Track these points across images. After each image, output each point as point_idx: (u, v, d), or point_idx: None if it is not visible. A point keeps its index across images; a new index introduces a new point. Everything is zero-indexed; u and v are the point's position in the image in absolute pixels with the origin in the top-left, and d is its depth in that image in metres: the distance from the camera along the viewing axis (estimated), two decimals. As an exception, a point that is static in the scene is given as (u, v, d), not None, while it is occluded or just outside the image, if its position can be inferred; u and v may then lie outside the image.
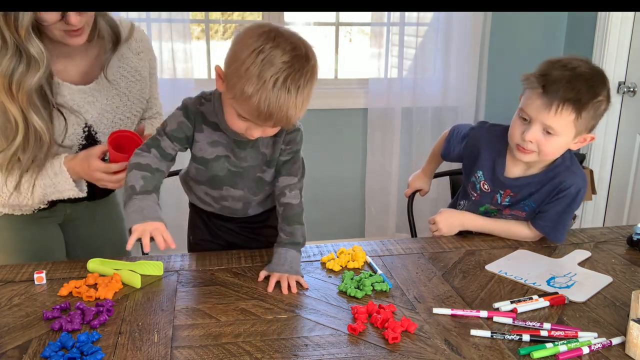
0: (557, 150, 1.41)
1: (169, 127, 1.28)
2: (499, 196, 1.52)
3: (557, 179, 1.45)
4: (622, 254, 1.46)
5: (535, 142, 1.37)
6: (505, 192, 1.51)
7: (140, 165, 1.25)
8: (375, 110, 2.99)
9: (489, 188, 1.53)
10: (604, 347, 1.05)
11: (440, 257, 1.43)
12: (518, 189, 1.49)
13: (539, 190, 1.47)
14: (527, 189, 1.48)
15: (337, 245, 1.46)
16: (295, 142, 1.33)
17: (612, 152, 2.90)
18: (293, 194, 1.35)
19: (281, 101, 1.10)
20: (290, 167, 1.35)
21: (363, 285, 1.25)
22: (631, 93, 2.76)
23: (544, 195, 1.48)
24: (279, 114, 1.11)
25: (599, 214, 2.97)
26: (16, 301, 1.18)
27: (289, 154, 1.34)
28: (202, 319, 1.13)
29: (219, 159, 1.31)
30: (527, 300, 1.20)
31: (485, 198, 1.55)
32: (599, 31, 2.79)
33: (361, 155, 3.10)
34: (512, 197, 1.51)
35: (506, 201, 1.52)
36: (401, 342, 1.06)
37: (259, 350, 1.03)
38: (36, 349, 1.02)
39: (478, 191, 1.56)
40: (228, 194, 1.37)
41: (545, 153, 1.39)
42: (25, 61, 1.24)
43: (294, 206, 1.34)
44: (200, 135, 1.29)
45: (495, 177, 1.51)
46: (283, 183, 1.35)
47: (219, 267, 1.35)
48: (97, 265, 1.30)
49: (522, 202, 1.51)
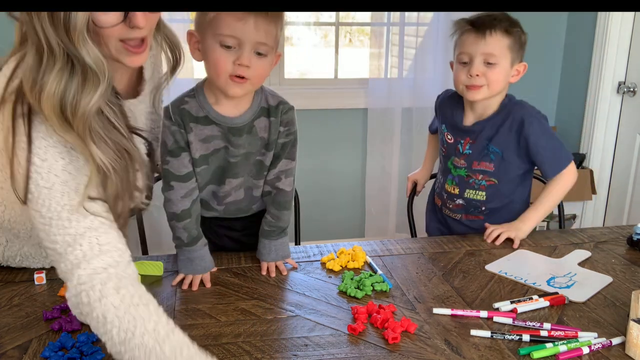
0: (502, 78, 1.51)
1: (169, 145, 1.26)
2: (460, 146, 1.61)
3: (510, 117, 1.54)
4: (622, 254, 1.46)
5: (482, 75, 1.49)
6: (465, 141, 1.59)
7: (175, 215, 1.30)
8: (375, 110, 2.99)
9: (451, 138, 1.64)
10: (604, 347, 1.05)
11: (440, 257, 1.43)
12: (476, 134, 1.57)
13: (497, 132, 1.55)
14: (484, 133, 1.56)
15: (337, 245, 1.46)
16: (292, 123, 1.33)
17: (612, 152, 2.90)
18: (288, 181, 1.36)
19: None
20: (289, 149, 1.34)
21: (363, 285, 1.25)
22: (631, 93, 2.76)
23: (504, 135, 1.55)
24: (253, 14, 1.11)
25: (599, 214, 2.97)
26: (16, 301, 1.18)
27: (287, 135, 1.33)
28: (202, 319, 1.13)
29: (217, 151, 1.30)
30: (527, 300, 1.20)
31: (450, 149, 1.65)
32: (599, 31, 2.78)
33: (361, 155, 3.10)
34: (472, 144, 1.58)
35: (467, 149, 1.59)
36: (401, 342, 1.06)
37: (259, 350, 1.03)
38: (36, 349, 1.02)
39: (445, 145, 1.67)
40: (231, 187, 1.36)
41: (493, 82, 1.50)
42: (80, 75, 0.92)
43: (287, 192, 1.36)
44: (191, 135, 1.27)
45: (455, 126, 1.62)
46: (281, 167, 1.35)
47: (219, 267, 1.35)
48: None
49: (484, 150, 1.57)
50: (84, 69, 0.93)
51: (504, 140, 1.54)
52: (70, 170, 0.96)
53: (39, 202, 0.95)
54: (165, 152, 1.28)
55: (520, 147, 1.54)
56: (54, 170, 0.95)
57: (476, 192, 1.61)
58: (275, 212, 1.36)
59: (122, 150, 1.00)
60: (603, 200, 2.96)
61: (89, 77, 0.93)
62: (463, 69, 1.52)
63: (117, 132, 1.01)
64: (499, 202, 1.62)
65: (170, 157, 1.27)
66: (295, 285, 1.28)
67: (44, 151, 0.95)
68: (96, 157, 0.96)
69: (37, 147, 0.95)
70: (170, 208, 1.31)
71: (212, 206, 1.40)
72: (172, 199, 1.30)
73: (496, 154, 1.56)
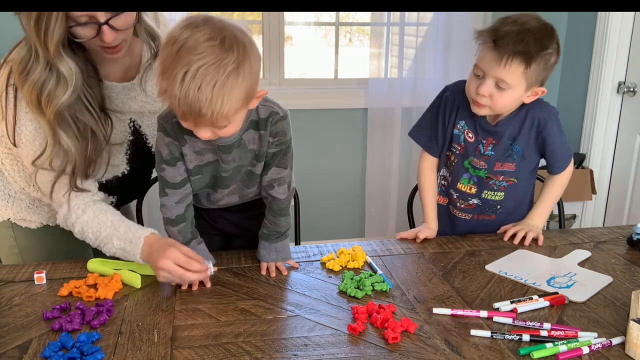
0: (509, 103, 1.44)
1: (164, 155, 1.26)
2: (482, 146, 1.53)
3: (529, 115, 1.49)
4: (622, 254, 1.46)
5: (489, 96, 1.41)
6: (487, 141, 1.53)
7: (170, 220, 1.32)
8: (375, 110, 2.99)
9: (472, 137, 1.54)
10: (604, 347, 1.05)
11: (440, 257, 1.43)
12: (499, 135, 1.51)
13: (520, 132, 1.50)
14: (508, 132, 1.50)
15: (337, 245, 1.46)
16: (284, 133, 1.27)
17: (612, 152, 2.90)
18: (281, 189, 1.33)
19: (190, 100, 1.02)
20: (280, 159, 1.30)
21: (363, 285, 1.25)
22: (631, 93, 2.77)
23: (525, 135, 1.50)
24: (193, 112, 1.04)
25: (599, 214, 2.97)
26: (16, 301, 1.18)
27: (277, 145, 1.28)
28: (202, 319, 1.13)
29: (211, 164, 1.29)
30: (527, 300, 1.20)
31: (469, 149, 1.55)
32: (599, 31, 2.79)
33: (361, 155, 3.10)
34: (495, 145, 1.52)
35: (489, 150, 1.53)
36: (401, 342, 1.06)
37: (259, 350, 1.03)
38: (36, 349, 1.02)
39: (462, 142, 1.56)
40: (223, 195, 1.38)
41: (498, 107, 1.43)
42: (55, 77, 1.19)
43: (281, 200, 1.35)
44: (186, 148, 1.26)
45: (478, 124, 1.53)
46: (272, 176, 1.32)
47: (219, 267, 1.35)
48: (97, 265, 1.30)
49: (507, 150, 1.52)
50: (58, 75, 1.19)
51: (526, 139, 1.51)
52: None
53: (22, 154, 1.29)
54: (161, 161, 1.27)
55: (537, 144, 1.52)
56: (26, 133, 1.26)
57: (495, 193, 1.57)
58: (272, 219, 1.36)
59: (87, 129, 1.26)
60: (603, 200, 2.96)
61: (61, 82, 1.19)
62: (475, 80, 1.43)
63: (88, 114, 1.26)
64: (513, 201, 1.59)
65: (166, 166, 1.27)
66: (295, 285, 1.28)
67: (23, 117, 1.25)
68: (62, 140, 1.23)
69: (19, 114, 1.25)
70: (165, 213, 1.32)
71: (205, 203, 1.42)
72: (167, 205, 1.31)
73: (518, 153, 1.52)
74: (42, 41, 1.15)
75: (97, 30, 1.17)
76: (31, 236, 1.47)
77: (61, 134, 1.23)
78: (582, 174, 2.81)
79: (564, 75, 3.09)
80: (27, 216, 1.45)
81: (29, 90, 1.19)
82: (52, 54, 1.16)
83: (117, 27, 1.19)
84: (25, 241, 1.48)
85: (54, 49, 1.15)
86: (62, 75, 1.19)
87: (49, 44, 1.15)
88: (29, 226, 1.46)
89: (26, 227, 1.46)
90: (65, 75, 1.19)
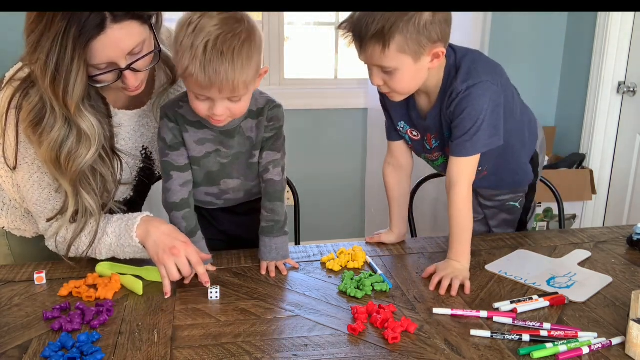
0: (407, 79, 1.29)
1: (169, 140, 1.30)
2: (426, 143, 1.46)
3: (447, 96, 1.33)
4: (622, 254, 1.46)
5: (384, 84, 1.31)
6: (427, 137, 1.45)
7: (176, 205, 1.33)
8: (375, 110, 2.98)
9: (417, 134, 1.46)
10: (604, 347, 1.05)
11: (440, 257, 1.43)
12: (433, 128, 1.40)
13: (441, 120, 1.37)
14: (436, 124, 1.39)
15: (337, 245, 1.46)
16: (278, 119, 1.34)
17: (612, 152, 2.90)
18: (276, 171, 1.36)
19: (216, 65, 1.10)
20: (273, 142, 1.36)
21: (363, 285, 1.25)
22: (631, 93, 2.76)
23: (448, 121, 1.36)
24: (218, 79, 1.11)
25: (599, 214, 2.97)
26: (16, 301, 1.18)
27: (271, 130, 1.34)
28: (202, 319, 1.13)
29: (208, 155, 1.32)
30: (527, 300, 1.20)
31: (417, 147, 1.50)
32: (599, 31, 2.78)
33: (361, 155, 3.10)
34: (435, 138, 1.44)
35: (434, 143, 1.45)
36: (401, 342, 1.06)
37: (259, 350, 1.03)
38: (36, 349, 1.02)
39: (410, 142, 1.51)
40: (227, 187, 1.39)
41: (399, 89, 1.31)
42: (76, 134, 1.14)
43: (276, 182, 1.36)
44: (187, 135, 1.30)
45: (414, 122, 1.44)
46: (267, 159, 1.36)
47: (219, 267, 1.35)
48: (106, 269, 1.29)
49: (447, 140, 1.39)
50: (79, 132, 1.14)
51: (449, 125, 1.36)
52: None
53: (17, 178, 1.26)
54: (165, 147, 1.31)
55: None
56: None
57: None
58: (269, 205, 1.36)
59: (98, 177, 1.22)
60: (603, 200, 2.96)
61: (83, 140, 1.14)
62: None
63: (101, 161, 1.22)
64: (489, 164, 1.47)
65: (169, 151, 1.31)
66: (295, 285, 1.28)
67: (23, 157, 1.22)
68: (84, 200, 1.20)
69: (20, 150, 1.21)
70: (170, 198, 1.33)
71: (209, 201, 1.43)
72: (172, 188, 1.32)
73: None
74: (62, 99, 1.09)
75: (118, 75, 1.15)
76: (26, 245, 1.43)
77: (82, 193, 1.19)
78: (582, 174, 2.81)
79: (564, 75, 3.09)
80: (21, 225, 1.41)
81: (48, 149, 1.13)
82: (72, 113, 1.11)
83: (139, 69, 1.17)
84: (20, 250, 1.44)
85: (74, 107, 1.10)
86: (83, 133, 1.14)
87: (68, 102, 1.09)
88: (24, 235, 1.42)
89: (21, 236, 1.42)
90: (88, 132, 1.14)
